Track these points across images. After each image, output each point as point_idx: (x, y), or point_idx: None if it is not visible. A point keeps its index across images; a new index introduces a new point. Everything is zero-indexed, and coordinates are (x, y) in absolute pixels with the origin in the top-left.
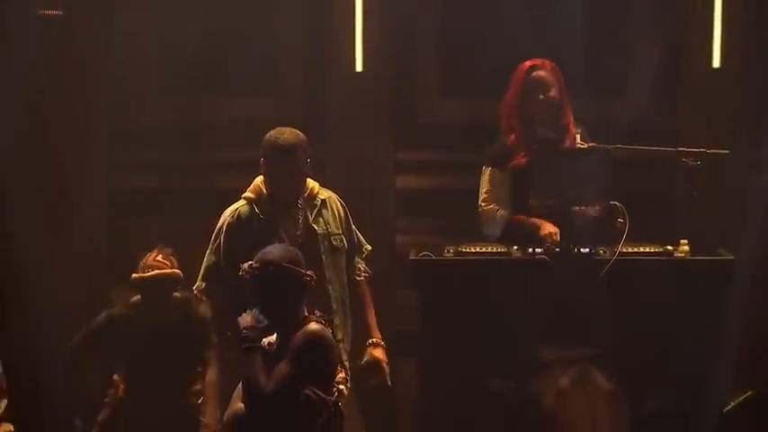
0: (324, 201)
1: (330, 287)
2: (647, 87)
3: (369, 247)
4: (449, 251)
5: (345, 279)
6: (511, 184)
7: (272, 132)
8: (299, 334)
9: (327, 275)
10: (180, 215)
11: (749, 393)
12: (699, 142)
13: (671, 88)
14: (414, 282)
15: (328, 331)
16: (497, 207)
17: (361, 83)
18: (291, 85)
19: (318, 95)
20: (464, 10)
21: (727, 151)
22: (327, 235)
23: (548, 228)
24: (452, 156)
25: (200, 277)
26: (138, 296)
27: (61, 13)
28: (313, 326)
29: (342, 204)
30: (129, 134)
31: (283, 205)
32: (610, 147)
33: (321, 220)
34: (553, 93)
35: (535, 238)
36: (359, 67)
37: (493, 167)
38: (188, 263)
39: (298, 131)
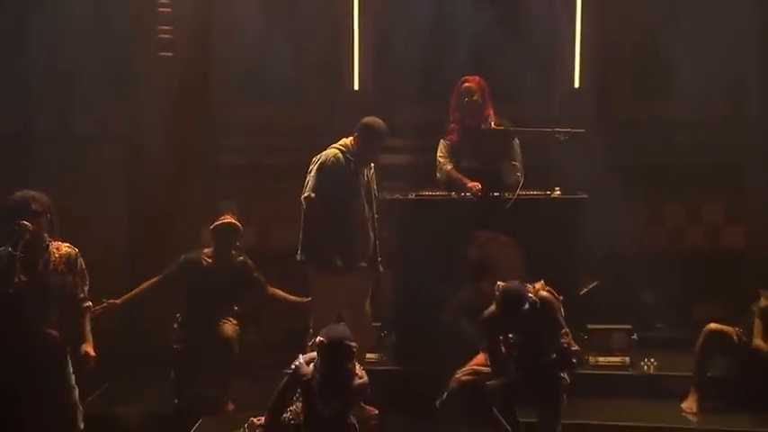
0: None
1: (372, 219)
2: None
3: (376, 193)
4: (412, 195)
5: None
6: (450, 152)
7: (376, 120)
8: None
9: (374, 211)
10: (244, 180)
11: (595, 283)
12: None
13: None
14: (388, 213)
15: None
16: (446, 162)
17: (357, 97)
18: (312, 99)
19: (329, 105)
20: (423, 51)
21: (583, 130)
22: (372, 185)
23: (473, 182)
24: (414, 143)
25: (308, 189)
26: (212, 248)
27: (172, 54)
28: None
29: (374, 169)
30: (216, 128)
31: (358, 163)
32: (511, 128)
33: (368, 177)
34: (476, 97)
35: (464, 188)
36: (356, 87)
37: (443, 140)
38: (250, 215)
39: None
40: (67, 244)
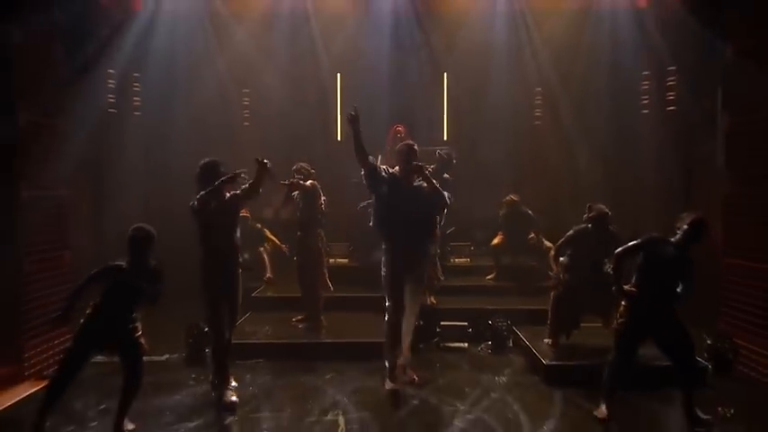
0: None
1: (430, 209)
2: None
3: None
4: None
5: None
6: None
7: (405, 144)
8: None
9: (431, 206)
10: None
11: (453, 228)
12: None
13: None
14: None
15: None
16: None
17: (340, 144)
18: (315, 145)
19: (324, 148)
20: (374, 114)
21: (447, 148)
22: (430, 190)
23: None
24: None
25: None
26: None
27: (249, 124)
28: None
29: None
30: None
31: (402, 177)
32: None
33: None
34: (403, 135)
35: None
36: (339, 138)
37: (381, 154)
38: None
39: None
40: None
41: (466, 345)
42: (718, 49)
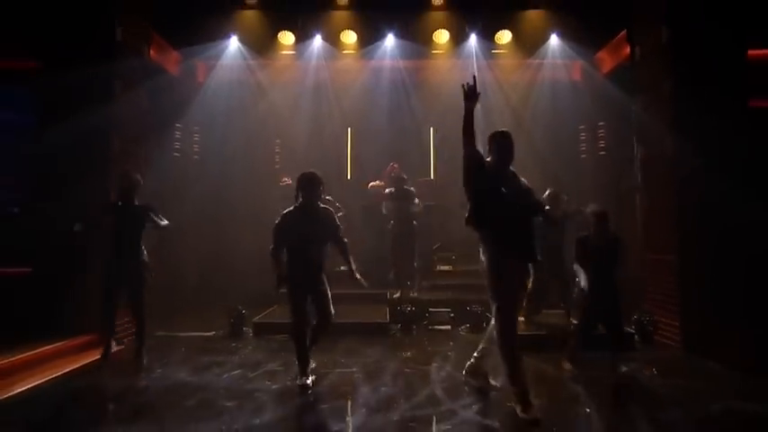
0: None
1: (525, 208)
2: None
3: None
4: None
5: None
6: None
7: (501, 131)
8: None
9: (529, 204)
10: None
11: (439, 244)
12: None
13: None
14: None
15: None
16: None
17: (349, 182)
18: (330, 182)
19: (338, 185)
20: (378, 155)
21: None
22: (528, 192)
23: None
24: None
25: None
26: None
27: (279, 166)
28: None
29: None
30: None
31: (498, 167)
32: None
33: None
34: (397, 170)
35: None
36: (348, 177)
37: (377, 182)
38: None
39: None
40: (324, 205)
41: (449, 327)
42: (630, 106)
